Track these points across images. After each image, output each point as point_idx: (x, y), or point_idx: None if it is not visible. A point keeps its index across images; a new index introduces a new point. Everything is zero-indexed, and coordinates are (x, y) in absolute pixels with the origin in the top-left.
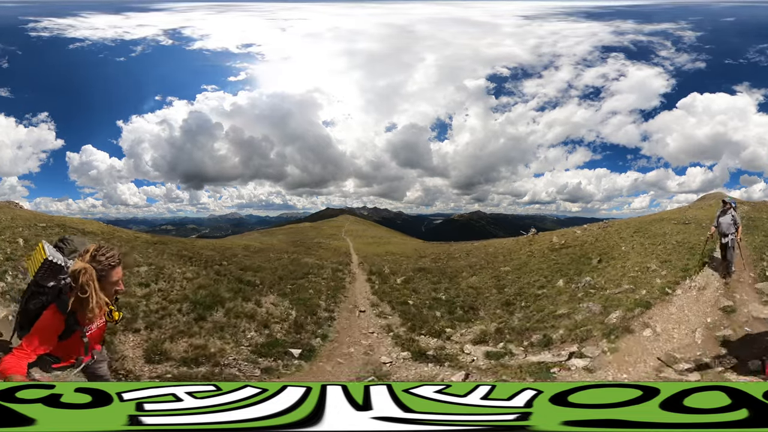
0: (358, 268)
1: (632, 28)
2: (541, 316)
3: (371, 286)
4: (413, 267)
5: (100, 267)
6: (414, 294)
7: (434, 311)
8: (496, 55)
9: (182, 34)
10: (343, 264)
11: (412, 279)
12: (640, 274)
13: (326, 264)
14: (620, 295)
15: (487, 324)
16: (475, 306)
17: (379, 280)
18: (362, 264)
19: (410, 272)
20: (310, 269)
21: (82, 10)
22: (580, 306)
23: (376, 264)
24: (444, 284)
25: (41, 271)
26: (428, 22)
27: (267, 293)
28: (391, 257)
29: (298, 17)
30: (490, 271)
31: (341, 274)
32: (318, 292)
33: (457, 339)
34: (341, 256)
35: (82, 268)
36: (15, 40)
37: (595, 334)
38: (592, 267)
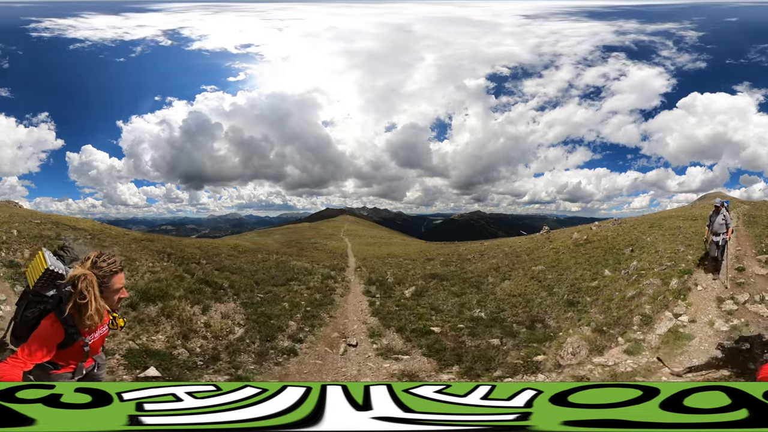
0: (355, 274)
1: (635, 27)
2: (616, 303)
3: (370, 301)
4: (423, 273)
5: (101, 273)
6: (435, 313)
7: (484, 338)
8: (496, 55)
9: (181, 35)
10: (336, 269)
11: (426, 290)
12: (674, 254)
13: (317, 268)
14: (667, 270)
15: (577, 331)
16: (536, 317)
17: (381, 292)
18: (360, 269)
19: (420, 280)
20: (295, 274)
21: (82, 10)
22: (643, 284)
23: (377, 269)
24: (472, 295)
25: (42, 280)
26: (427, 22)
27: (228, 299)
28: (394, 260)
29: (293, 17)
30: (521, 272)
31: (332, 283)
32: (294, 307)
33: (572, 362)
34: (336, 259)
35: (81, 274)
36: (16, 40)
37: (671, 299)
38: (628, 256)
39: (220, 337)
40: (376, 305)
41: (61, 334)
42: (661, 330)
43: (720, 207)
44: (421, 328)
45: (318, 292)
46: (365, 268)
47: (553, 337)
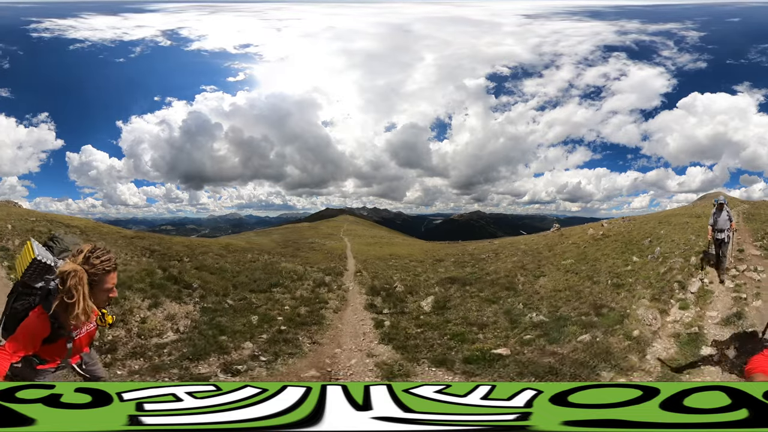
0: (354, 280)
1: (636, 27)
2: (654, 279)
3: (376, 320)
4: (437, 277)
5: (92, 271)
6: (478, 329)
7: (571, 340)
8: (496, 55)
9: (180, 35)
10: (333, 273)
11: (448, 299)
12: (687, 241)
13: (309, 272)
14: (686, 252)
15: (639, 304)
16: (596, 304)
17: (389, 305)
18: (360, 274)
19: (437, 287)
20: (281, 279)
21: (82, 11)
22: (670, 263)
23: (381, 274)
24: (510, 298)
25: (29, 271)
26: (426, 21)
27: (190, 301)
28: (399, 262)
29: (291, 17)
30: (551, 267)
31: (325, 292)
32: (265, 323)
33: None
34: (334, 261)
35: (72, 270)
36: (17, 40)
37: (694, 270)
38: (649, 245)
39: (143, 336)
40: (386, 326)
41: (47, 328)
42: (694, 289)
43: (723, 204)
44: (479, 356)
45: (305, 303)
46: (367, 272)
47: (626, 315)
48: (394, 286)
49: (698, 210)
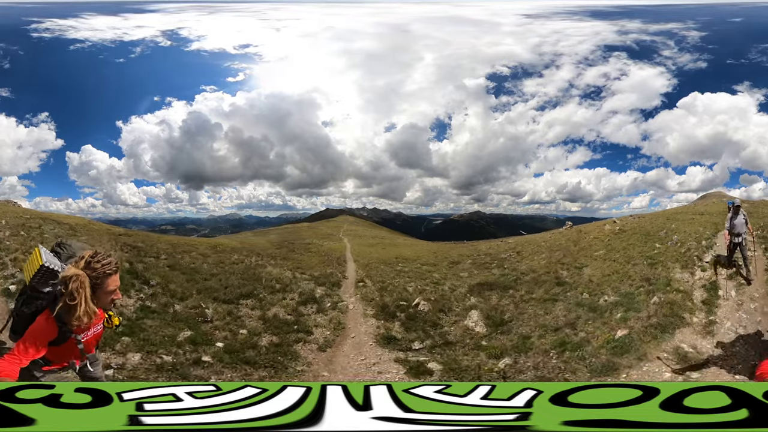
0: (356, 293)
1: (637, 27)
2: (681, 256)
3: (411, 365)
4: (466, 284)
5: (94, 275)
6: (572, 330)
7: (667, 310)
8: (495, 54)
9: (179, 35)
10: (328, 282)
11: (501, 310)
12: (698, 230)
13: (298, 280)
14: (698, 238)
15: (686, 273)
16: (648, 279)
17: (418, 332)
18: (363, 284)
19: (471, 296)
20: (260, 288)
21: (83, 11)
22: (687, 245)
23: (390, 282)
24: (570, 291)
25: (37, 276)
26: (425, 21)
27: (134, 295)
28: (410, 267)
29: (289, 17)
30: (587, 259)
31: (312, 312)
32: (192, 343)
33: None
34: (331, 265)
35: (73, 274)
36: (18, 40)
37: (708, 247)
38: (664, 236)
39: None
40: (438, 373)
41: (54, 331)
42: (707, 259)
43: (739, 207)
44: (617, 343)
45: (275, 329)
46: (371, 282)
47: (670, 280)
48: (414, 302)
49: (701, 208)
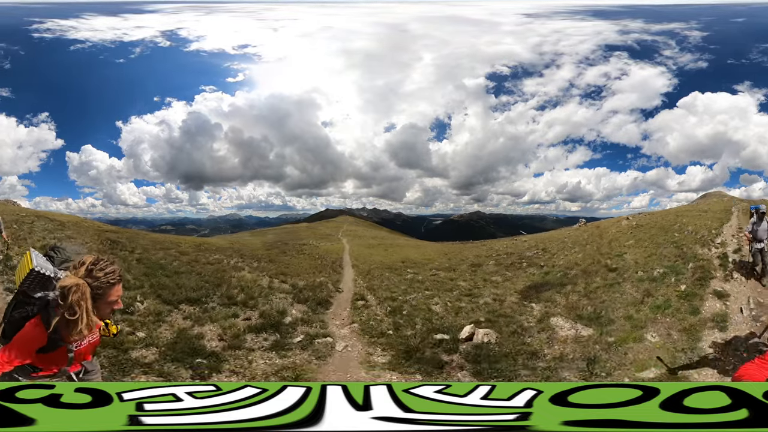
0: (351, 319)
1: (639, 27)
2: (698, 240)
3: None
4: (512, 289)
5: (96, 284)
6: (657, 309)
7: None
8: (495, 54)
9: (179, 36)
10: (313, 297)
11: (584, 307)
12: (705, 223)
13: (273, 291)
14: (708, 227)
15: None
16: (685, 256)
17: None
18: (363, 301)
19: (530, 302)
20: (213, 294)
21: (83, 11)
22: (702, 233)
23: (404, 297)
24: (627, 274)
25: (27, 281)
26: (424, 21)
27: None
28: (422, 273)
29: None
30: (622, 247)
31: (254, 347)
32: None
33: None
34: (324, 271)
35: (74, 284)
36: (19, 41)
37: (718, 232)
38: (678, 228)
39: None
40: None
41: (43, 338)
42: (719, 241)
43: (764, 214)
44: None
45: (178, 352)
46: (375, 297)
47: (695, 254)
48: (464, 332)
49: (704, 207)
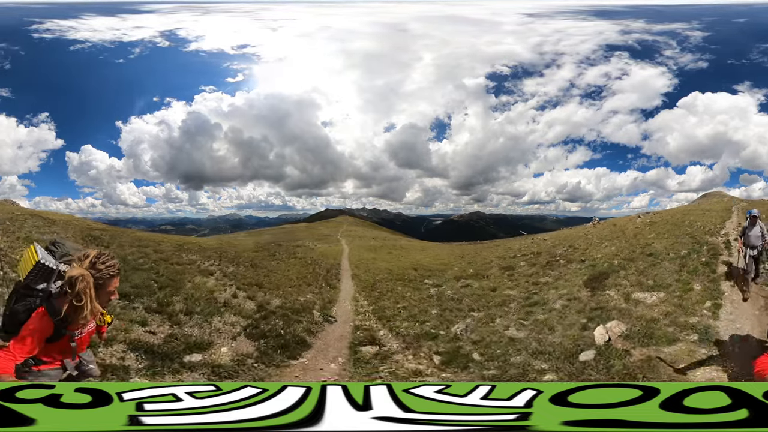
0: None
1: (641, 27)
2: (708, 231)
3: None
4: (576, 285)
5: (98, 275)
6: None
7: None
8: (495, 53)
9: (177, 36)
10: (288, 328)
11: (644, 284)
12: (710, 220)
13: (230, 308)
14: (713, 222)
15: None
16: (701, 241)
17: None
18: (374, 338)
19: (603, 290)
20: (146, 294)
21: (83, 12)
22: (709, 226)
23: (452, 334)
24: (669, 255)
25: (32, 274)
26: (423, 21)
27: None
28: (447, 283)
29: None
30: (647, 239)
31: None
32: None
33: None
34: (315, 284)
35: (80, 275)
36: (19, 41)
37: (722, 224)
38: (688, 224)
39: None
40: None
41: (50, 328)
42: (723, 232)
43: (756, 218)
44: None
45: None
46: (399, 337)
47: (706, 241)
48: (596, 337)
49: (706, 206)
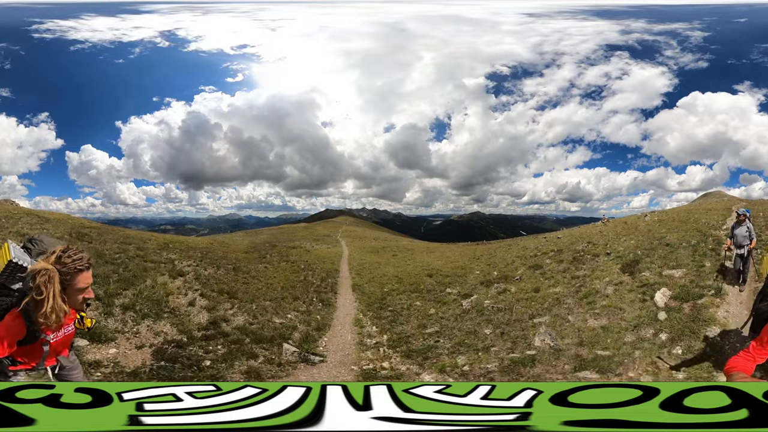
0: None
1: (642, 27)
2: (712, 226)
3: None
4: (614, 273)
5: (64, 270)
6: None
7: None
8: (495, 53)
9: (177, 36)
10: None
11: (670, 261)
12: (714, 218)
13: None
14: (717, 219)
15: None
16: (708, 233)
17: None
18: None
19: (640, 272)
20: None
21: (83, 12)
22: (713, 222)
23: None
24: (682, 243)
25: (5, 273)
26: (424, 20)
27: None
28: (483, 293)
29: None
30: (661, 232)
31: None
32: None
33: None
34: (303, 297)
35: (41, 268)
36: (19, 41)
37: (723, 220)
38: (693, 220)
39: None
40: None
41: (22, 330)
42: (725, 227)
43: (743, 217)
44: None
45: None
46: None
47: (711, 234)
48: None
49: (708, 205)
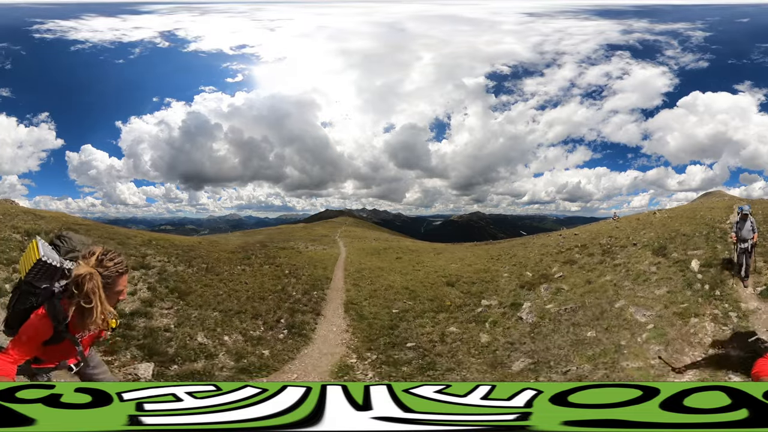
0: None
1: (643, 27)
2: (719, 219)
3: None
4: (648, 255)
5: (106, 273)
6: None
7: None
8: (495, 53)
9: (177, 36)
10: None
11: (691, 245)
12: (718, 214)
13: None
14: (721, 215)
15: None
16: (717, 226)
17: None
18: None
19: (664, 257)
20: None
21: (83, 12)
22: (718, 217)
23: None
24: (698, 235)
25: (33, 271)
26: (423, 20)
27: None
28: (522, 296)
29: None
30: (676, 226)
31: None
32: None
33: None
34: (262, 322)
35: (88, 273)
36: (20, 41)
37: (726, 217)
38: (700, 216)
39: None
40: None
41: (48, 330)
42: (729, 221)
43: (747, 214)
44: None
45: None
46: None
47: (724, 227)
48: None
49: (710, 204)
